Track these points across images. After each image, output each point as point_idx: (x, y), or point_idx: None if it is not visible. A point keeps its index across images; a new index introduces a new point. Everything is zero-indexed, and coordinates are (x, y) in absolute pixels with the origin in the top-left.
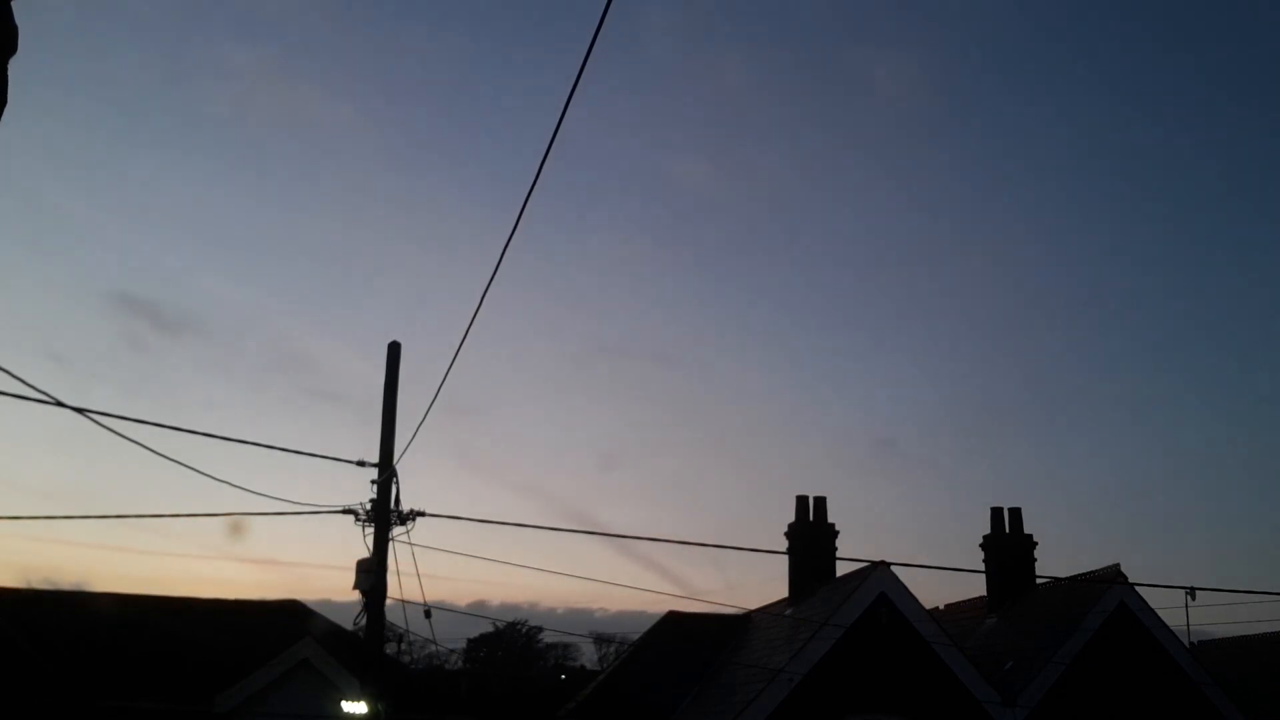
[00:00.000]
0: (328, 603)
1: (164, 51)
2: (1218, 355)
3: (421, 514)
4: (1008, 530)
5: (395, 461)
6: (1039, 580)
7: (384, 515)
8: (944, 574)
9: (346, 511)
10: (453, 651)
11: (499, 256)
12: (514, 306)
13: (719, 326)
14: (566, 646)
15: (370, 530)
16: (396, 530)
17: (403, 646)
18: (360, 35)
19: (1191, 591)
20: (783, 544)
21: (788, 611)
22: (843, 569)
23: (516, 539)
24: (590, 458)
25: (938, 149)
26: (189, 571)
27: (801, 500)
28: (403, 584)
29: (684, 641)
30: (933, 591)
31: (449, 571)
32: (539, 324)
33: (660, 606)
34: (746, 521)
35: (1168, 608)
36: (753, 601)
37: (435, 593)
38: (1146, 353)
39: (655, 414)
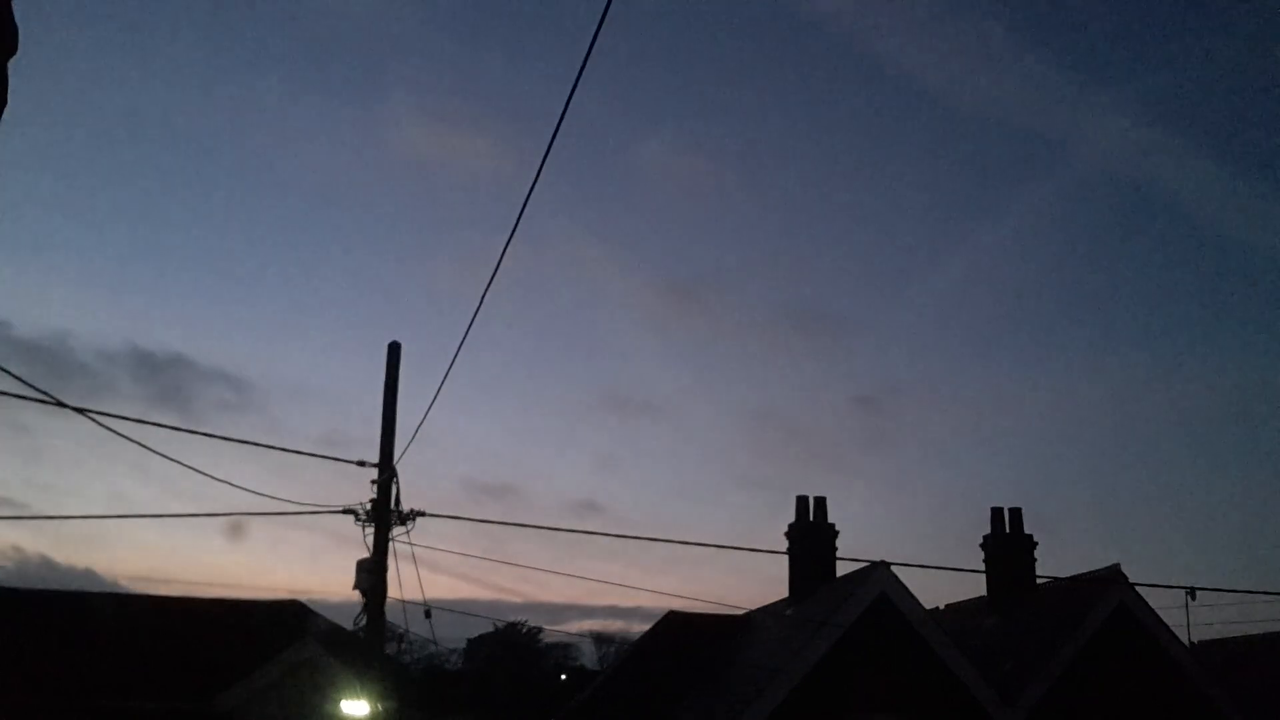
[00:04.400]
0: (327, 602)
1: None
2: (1218, 355)
3: (421, 514)
4: (1008, 530)
5: (395, 461)
6: (1039, 580)
7: (384, 515)
8: (944, 574)
9: (346, 511)
10: (453, 651)
11: (499, 257)
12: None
13: None
14: (566, 646)
15: (370, 530)
16: (396, 530)
17: (403, 646)
18: (355, 36)
19: (1191, 591)
20: (783, 544)
21: (788, 611)
22: (843, 569)
23: (517, 538)
24: (590, 457)
25: None
26: (189, 571)
27: (801, 500)
28: (403, 584)
29: (684, 641)
30: (933, 591)
31: (449, 572)
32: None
33: (660, 606)
34: (747, 521)
35: (1168, 608)
36: (753, 601)
37: (435, 593)
38: (1145, 353)
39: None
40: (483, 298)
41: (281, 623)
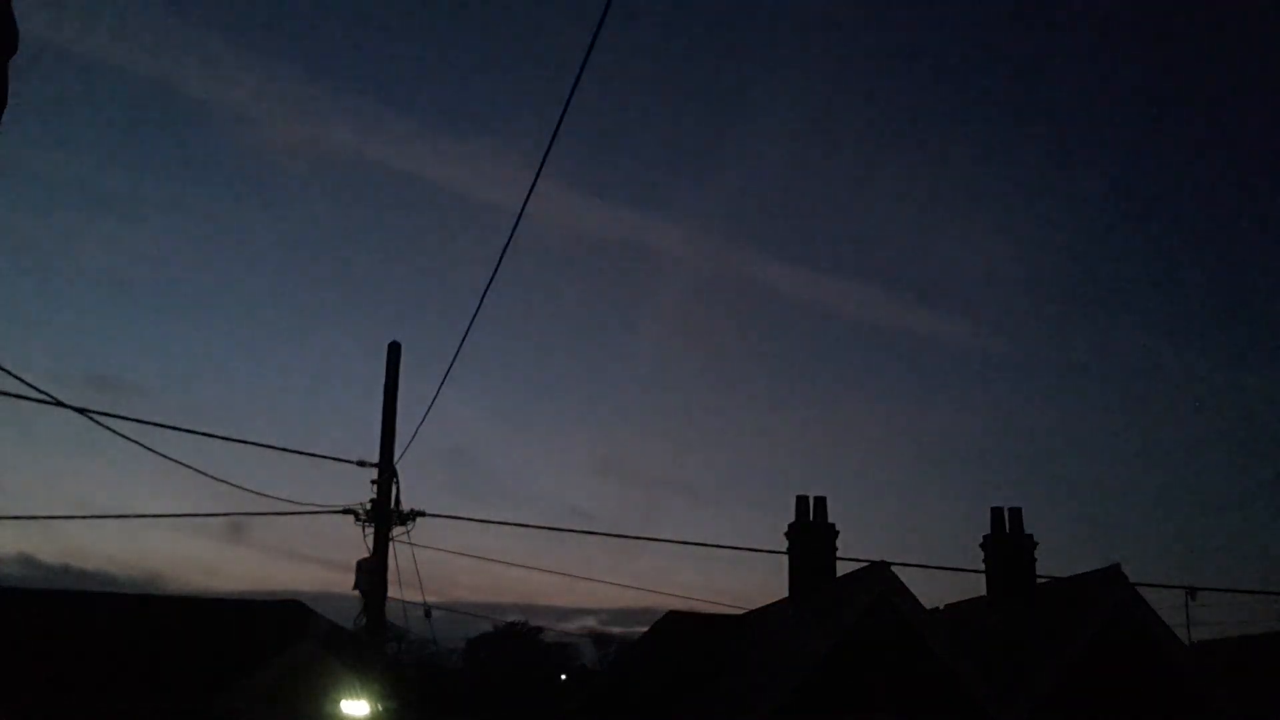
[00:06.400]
0: (327, 599)
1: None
2: (1217, 356)
3: (421, 514)
4: (1008, 530)
5: (395, 461)
6: (1039, 580)
7: (384, 515)
8: (944, 574)
9: (346, 511)
10: (453, 651)
11: (499, 257)
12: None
13: None
14: (566, 646)
15: (370, 530)
16: (396, 530)
17: (402, 646)
18: (358, 40)
19: (1192, 591)
20: (783, 544)
21: (788, 612)
22: (843, 569)
23: (517, 539)
24: (589, 458)
25: None
26: (190, 571)
27: (801, 500)
28: (403, 584)
29: (684, 641)
30: (933, 591)
31: (449, 572)
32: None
33: (660, 606)
34: (747, 521)
35: (1168, 608)
36: (753, 601)
37: (435, 594)
38: (1144, 355)
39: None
40: (481, 300)
41: (281, 623)
